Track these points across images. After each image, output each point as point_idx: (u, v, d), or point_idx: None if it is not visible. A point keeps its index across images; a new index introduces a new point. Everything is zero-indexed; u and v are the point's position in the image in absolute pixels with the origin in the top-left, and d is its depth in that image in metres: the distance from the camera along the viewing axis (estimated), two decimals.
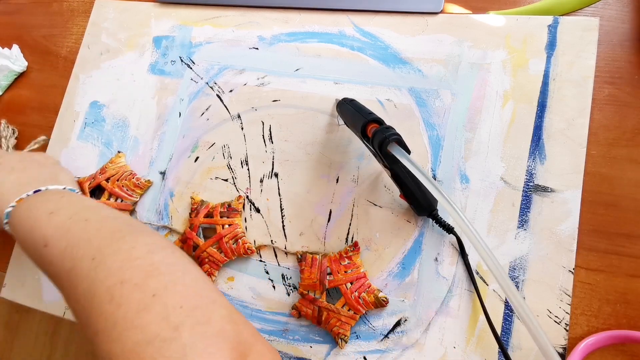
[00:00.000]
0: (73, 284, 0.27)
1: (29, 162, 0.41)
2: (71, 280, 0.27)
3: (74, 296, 0.27)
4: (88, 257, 0.27)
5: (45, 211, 0.32)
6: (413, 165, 0.30)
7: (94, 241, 0.28)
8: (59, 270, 0.29)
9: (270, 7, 0.47)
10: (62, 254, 0.29)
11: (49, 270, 0.30)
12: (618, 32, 0.38)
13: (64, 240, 0.29)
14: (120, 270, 0.25)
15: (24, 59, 0.56)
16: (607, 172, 0.35)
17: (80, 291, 0.26)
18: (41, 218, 0.32)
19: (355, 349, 0.36)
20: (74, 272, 0.27)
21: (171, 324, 0.23)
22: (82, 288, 0.26)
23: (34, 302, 0.45)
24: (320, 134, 0.42)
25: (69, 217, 0.31)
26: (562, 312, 0.32)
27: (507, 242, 0.35)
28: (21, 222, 0.33)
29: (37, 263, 0.32)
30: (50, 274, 0.30)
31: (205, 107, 0.46)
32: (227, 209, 0.41)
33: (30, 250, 0.32)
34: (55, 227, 0.31)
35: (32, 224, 0.32)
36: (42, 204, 0.34)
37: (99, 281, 0.25)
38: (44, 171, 0.40)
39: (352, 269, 0.37)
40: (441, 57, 0.40)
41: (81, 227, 0.30)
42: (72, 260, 0.28)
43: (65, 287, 0.28)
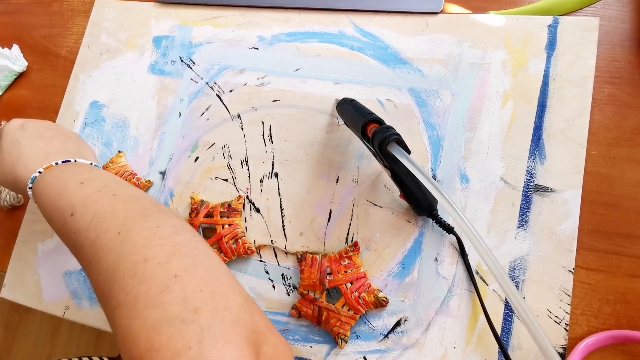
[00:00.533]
0: (97, 255, 0.27)
1: (57, 131, 0.40)
2: (95, 252, 0.27)
3: (96, 268, 0.27)
4: (114, 230, 0.27)
5: (76, 181, 0.32)
6: (413, 165, 0.30)
7: (121, 216, 0.28)
8: (82, 240, 0.29)
9: (270, 7, 0.47)
10: (87, 224, 0.29)
11: (72, 239, 0.30)
12: (618, 32, 0.38)
13: (91, 211, 0.29)
14: (144, 248, 0.26)
15: (24, 59, 0.56)
16: (607, 172, 0.35)
17: (103, 264, 0.26)
18: (71, 187, 0.32)
19: (355, 349, 0.36)
20: (99, 243, 0.27)
21: (190, 307, 0.23)
22: (106, 261, 0.26)
23: (34, 302, 0.45)
24: (320, 134, 0.42)
25: (97, 190, 0.31)
26: (562, 312, 0.32)
27: (507, 242, 0.35)
28: (48, 188, 0.33)
29: (59, 231, 0.32)
30: (72, 243, 0.30)
31: (205, 107, 0.46)
32: (227, 209, 0.41)
33: (54, 217, 0.32)
34: (84, 197, 0.31)
35: (60, 192, 0.32)
36: (73, 174, 0.34)
37: (124, 255, 0.25)
38: (71, 143, 0.40)
39: (352, 269, 0.37)
40: (441, 57, 0.40)
41: (109, 200, 0.30)
42: (97, 232, 0.28)
43: (87, 257, 0.28)
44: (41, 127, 0.40)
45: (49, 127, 0.40)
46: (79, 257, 0.30)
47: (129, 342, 0.23)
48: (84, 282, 0.44)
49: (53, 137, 0.39)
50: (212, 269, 0.26)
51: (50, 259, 0.46)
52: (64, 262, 0.45)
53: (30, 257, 0.47)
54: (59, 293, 0.45)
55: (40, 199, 0.34)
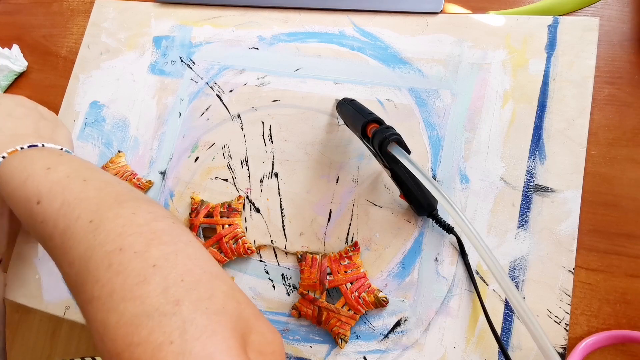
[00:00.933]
0: (67, 245, 0.25)
1: (30, 110, 0.37)
2: (65, 242, 0.26)
3: (67, 259, 0.25)
4: (85, 219, 0.26)
5: (42, 166, 0.30)
6: (413, 165, 0.30)
7: (92, 203, 0.27)
8: (51, 230, 0.27)
9: (270, 7, 0.47)
10: (56, 212, 0.27)
11: (40, 228, 0.28)
12: (618, 32, 0.38)
13: (59, 199, 0.28)
14: (120, 237, 0.24)
15: (24, 59, 0.56)
16: (607, 172, 0.35)
17: (75, 254, 0.25)
18: (36, 173, 0.30)
19: (355, 349, 0.36)
20: (69, 232, 0.26)
21: (171, 298, 0.21)
22: (78, 251, 0.24)
23: (34, 302, 0.45)
24: (320, 134, 0.42)
25: (66, 175, 0.29)
26: (562, 312, 0.32)
27: (507, 242, 0.35)
28: (12, 174, 0.31)
29: (25, 221, 0.30)
30: (40, 233, 0.28)
31: (205, 107, 0.46)
32: (227, 209, 0.41)
33: (19, 205, 0.30)
34: (51, 183, 0.29)
35: (25, 178, 0.30)
36: (39, 159, 0.32)
37: (97, 245, 0.24)
38: (43, 125, 0.37)
39: (352, 269, 0.37)
40: (441, 57, 0.40)
41: (79, 186, 0.28)
42: (67, 220, 0.26)
43: (56, 248, 0.26)
44: (13, 104, 0.37)
45: (23, 103, 0.38)
46: (48, 247, 0.28)
47: (106, 337, 0.21)
48: None
49: (25, 116, 0.37)
50: (194, 257, 0.25)
51: (50, 259, 0.46)
52: None
53: (30, 257, 0.47)
54: (59, 293, 0.45)
55: (4, 185, 0.32)
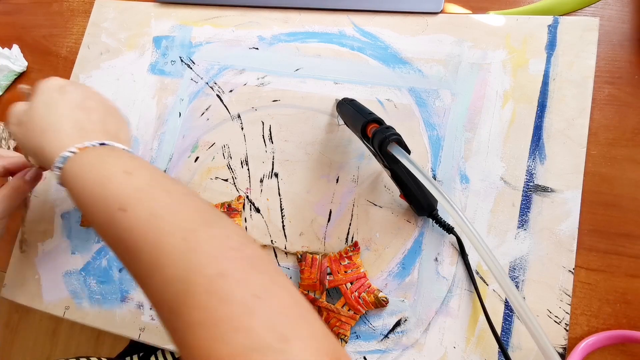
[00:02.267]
0: (159, 262, 0.24)
1: (98, 104, 0.36)
2: (157, 257, 0.24)
3: (159, 276, 0.24)
4: (178, 235, 0.25)
5: (121, 169, 0.29)
6: (413, 165, 0.30)
7: (181, 218, 0.26)
8: (138, 240, 0.25)
9: (270, 7, 0.47)
10: (144, 223, 0.26)
11: (123, 236, 0.26)
12: (618, 32, 0.38)
13: (146, 208, 0.26)
14: (217, 260, 0.23)
15: (24, 59, 0.56)
16: (607, 172, 0.35)
17: (169, 273, 0.24)
18: (116, 176, 0.28)
19: (355, 349, 0.36)
20: (161, 247, 0.25)
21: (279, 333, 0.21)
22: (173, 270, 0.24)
23: (34, 302, 0.45)
24: (320, 134, 0.42)
25: (147, 183, 0.28)
26: (562, 312, 0.32)
27: (507, 242, 0.35)
28: (85, 173, 0.29)
29: (101, 224, 0.28)
30: (120, 240, 0.27)
31: (205, 107, 0.46)
32: (227, 209, 0.41)
33: (95, 208, 0.28)
34: (134, 190, 0.27)
35: (102, 180, 0.28)
36: (116, 160, 0.30)
37: (195, 267, 0.23)
38: (110, 121, 0.36)
39: (352, 269, 0.37)
40: (441, 57, 0.40)
41: (164, 197, 0.27)
42: (158, 234, 0.25)
43: (144, 261, 0.25)
44: (83, 95, 0.35)
45: (91, 96, 0.36)
46: (130, 256, 0.26)
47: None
48: (83, 282, 0.44)
49: (93, 110, 0.35)
50: (287, 288, 0.24)
51: (50, 259, 0.46)
52: (64, 262, 0.45)
53: (30, 257, 0.47)
54: (59, 293, 0.45)
55: (73, 182, 0.30)
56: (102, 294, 0.43)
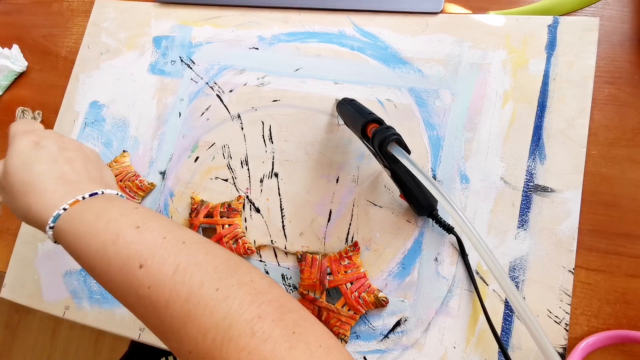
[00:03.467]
0: (195, 312, 0.25)
1: (76, 152, 0.34)
2: (191, 309, 0.25)
3: (196, 326, 0.25)
4: (210, 287, 0.25)
5: (129, 224, 0.28)
6: (413, 165, 0.30)
7: (207, 269, 0.26)
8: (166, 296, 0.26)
9: (270, 7, 0.47)
10: (170, 279, 0.26)
11: (146, 294, 0.26)
12: (618, 32, 0.38)
13: (170, 263, 0.26)
14: (253, 305, 0.25)
15: (24, 59, 0.56)
16: (607, 172, 0.35)
17: (208, 322, 0.24)
18: (126, 232, 0.28)
19: (355, 349, 0.36)
20: (195, 300, 0.25)
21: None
22: (213, 319, 0.24)
23: (34, 302, 0.45)
24: (320, 134, 0.42)
25: (162, 236, 0.28)
26: (562, 312, 0.32)
27: (507, 242, 0.35)
28: (87, 231, 0.28)
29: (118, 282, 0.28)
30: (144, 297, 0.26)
31: (205, 107, 0.46)
32: (227, 209, 0.41)
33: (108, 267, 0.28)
34: (150, 244, 0.27)
35: (112, 236, 0.28)
36: (118, 214, 0.29)
37: (234, 314, 0.24)
38: (92, 167, 0.34)
39: (352, 269, 0.37)
40: (441, 57, 0.40)
41: (183, 249, 0.27)
42: (189, 288, 0.25)
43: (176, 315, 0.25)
44: (59, 146, 0.34)
45: (67, 145, 0.34)
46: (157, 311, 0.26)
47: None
48: (83, 282, 0.44)
49: (74, 159, 0.33)
50: (315, 322, 0.26)
51: (50, 259, 0.46)
52: (64, 262, 0.45)
53: (30, 257, 0.47)
54: (59, 293, 0.45)
55: (71, 240, 0.29)
56: (102, 294, 0.43)
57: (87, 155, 0.35)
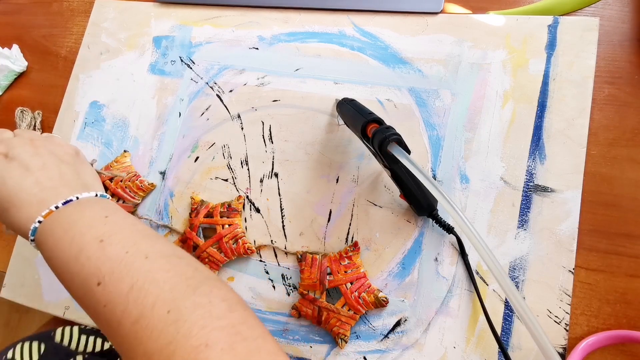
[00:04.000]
0: (142, 335, 0.24)
1: (48, 157, 0.34)
2: (139, 331, 0.24)
3: (142, 349, 0.24)
4: (162, 308, 0.24)
5: (93, 237, 0.28)
6: (413, 165, 0.30)
7: (164, 288, 0.25)
8: (118, 315, 0.25)
9: (270, 7, 0.47)
10: (125, 297, 0.25)
11: (101, 311, 0.26)
12: (618, 32, 0.38)
13: (126, 281, 0.25)
14: (203, 330, 0.23)
15: (24, 59, 0.56)
16: (607, 172, 0.35)
17: (154, 345, 0.24)
18: (89, 246, 0.27)
19: (355, 349, 0.36)
20: (145, 322, 0.24)
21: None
22: (158, 344, 0.24)
23: (33, 302, 0.45)
24: (320, 134, 0.42)
25: (124, 250, 0.27)
26: (562, 312, 0.32)
27: (507, 242, 0.35)
28: (56, 243, 0.28)
29: (78, 298, 0.28)
30: (100, 316, 0.26)
31: (205, 107, 0.46)
32: (227, 209, 0.41)
33: (71, 281, 0.28)
34: (110, 262, 0.26)
35: (76, 252, 0.27)
36: (84, 227, 0.28)
37: (181, 338, 0.23)
38: (66, 169, 0.34)
39: (352, 269, 0.37)
40: (441, 57, 0.40)
41: (143, 265, 0.26)
42: (141, 308, 0.25)
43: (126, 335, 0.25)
44: (29, 153, 0.33)
45: (38, 151, 0.34)
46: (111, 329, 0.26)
47: None
48: None
49: (45, 165, 0.33)
50: (273, 352, 0.24)
51: None
52: None
53: (30, 257, 0.47)
54: (59, 293, 0.45)
55: (47, 254, 0.29)
56: None
57: (60, 158, 0.34)
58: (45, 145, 0.35)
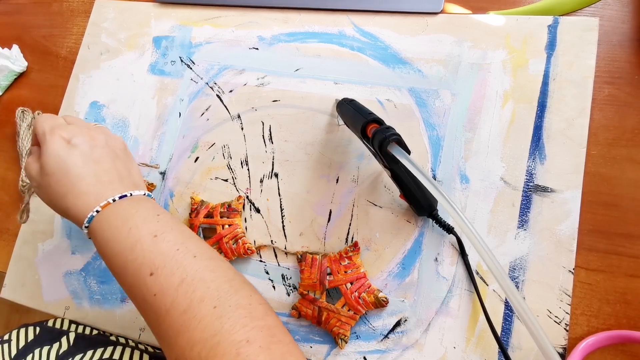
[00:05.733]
0: (189, 324, 0.26)
1: (105, 149, 0.35)
2: (187, 321, 0.26)
3: (187, 337, 0.26)
4: (209, 303, 0.27)
5: (148, 232, 0.30)
6: (413, 166, 0.30)
7: (212, 286, 0.28)
8: (167, 305, 0.27)
9: (270, 7, 0.47)
10: (175, 290, 0.27)
11: (150, 300, 0.28)
12: (618, 32, 0.38)
13: (177, 275, 0.28)
14: (245, 328, 0.26)
15: (24, 59, 0.56)
16: (607, 172, 0.35)
17: (199, 335, 0.26)
18: (144, 239, 0.30)
19: (355, 349, 0.36)
20: (192, 313, 0.27)
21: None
22: (203, 334, 0.26)
23: (34, 302, 0.45)
24: (320, 134, 0.42)
25: (175, 247, 0.29)
26: (562, 312, 0.32)
27: (507, 242, 0.35)
28: (111, 233, 0.31)
29: (129, 286, 0.30)
30: (149, 304, 0.28)
31: (205, 107, 0.46)
32: (227, 209, 0.41)
33: (124, 270, 0.30)
34: (162, 255, 0.29)
35: (132, 243, 0.30)
36: (141, 221, 0.31)
37: (225, 333, 0.25)
38: (120, 165, 0.36)
39: (352, 269, 0.37)
40: (441, 57, 0.40)
41: (193, 264, 0.29)
42: (189, 301, 0.27)
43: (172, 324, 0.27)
44: (89, 143, 0.35)
45: (97, 142, 0.35)
46: (158, 317, 0.28)
47: None
48: (83, 283, 0.44)
49: (102, 157, 0.35)
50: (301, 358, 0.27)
51: (50, 259, 0.46)
52: (64, 263, 0.45)
53: (30, 257, 0.47)
54: (59, 293, 0.45)
55: (100, 242, 0.31)
56: (102, 294, 0.43)
57: (115, 152, 0.36)
58: (101, 137, 0.36)
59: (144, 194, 0.35)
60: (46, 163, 0.33)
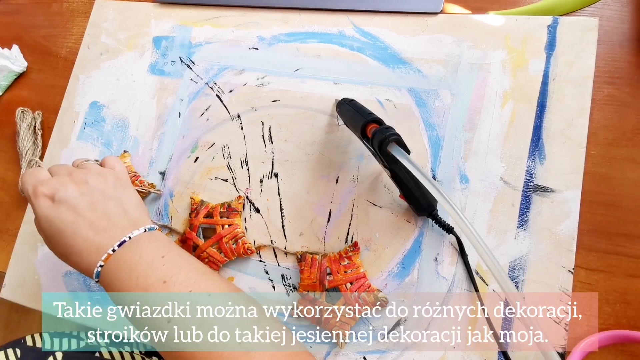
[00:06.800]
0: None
1: (92, 194, 0.34)
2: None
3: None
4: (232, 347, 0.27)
5: (156, 279, 0.30)
6: (413, 165, 0.30)
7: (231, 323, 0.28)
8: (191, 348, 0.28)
9: (270, 7, 0.47)
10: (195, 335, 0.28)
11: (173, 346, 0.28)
12: (618, 32, 0.38)
13: (194, 320, 0.28)
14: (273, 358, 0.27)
15: (24, 59, 0.56)
16: (606, 172, 0.35)
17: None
18: (153, 288, 0.30)
19: (355, 349, 0.36)
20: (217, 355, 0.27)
21: None
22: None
23: (34, 302, 0.45)
24: (320, 134, 0.42)
25: (188, 289, 0.30)
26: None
27: (507, 242, 0.35)
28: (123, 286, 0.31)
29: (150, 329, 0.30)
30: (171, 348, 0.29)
31: (205, 107, 0.46)
32: (227, 209, 0.41)
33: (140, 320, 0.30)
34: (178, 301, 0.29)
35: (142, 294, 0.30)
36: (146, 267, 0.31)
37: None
38: (113, 206, 0.34)
39: (351, 269, 0.37)
40: (441, 57, 0.40)
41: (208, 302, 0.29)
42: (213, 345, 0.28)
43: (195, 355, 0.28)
44: (73, 196, 0.33)
45: (82, 189, 0.33)
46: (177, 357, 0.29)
47: None
48: (83, 283, 0.44)
49: (92, 204, 0.33)
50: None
51: (50, 259, 0.46)
52: (64, 263, 0.45)
53: (30, 257, 0.47)
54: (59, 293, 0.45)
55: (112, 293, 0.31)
56: (102, 295, 0.43)
57: (105, 192, 0.34)
58: (86, 179, 0.34)
59: (144, 230, 0.33)
60: (40, 228, 0.33)
